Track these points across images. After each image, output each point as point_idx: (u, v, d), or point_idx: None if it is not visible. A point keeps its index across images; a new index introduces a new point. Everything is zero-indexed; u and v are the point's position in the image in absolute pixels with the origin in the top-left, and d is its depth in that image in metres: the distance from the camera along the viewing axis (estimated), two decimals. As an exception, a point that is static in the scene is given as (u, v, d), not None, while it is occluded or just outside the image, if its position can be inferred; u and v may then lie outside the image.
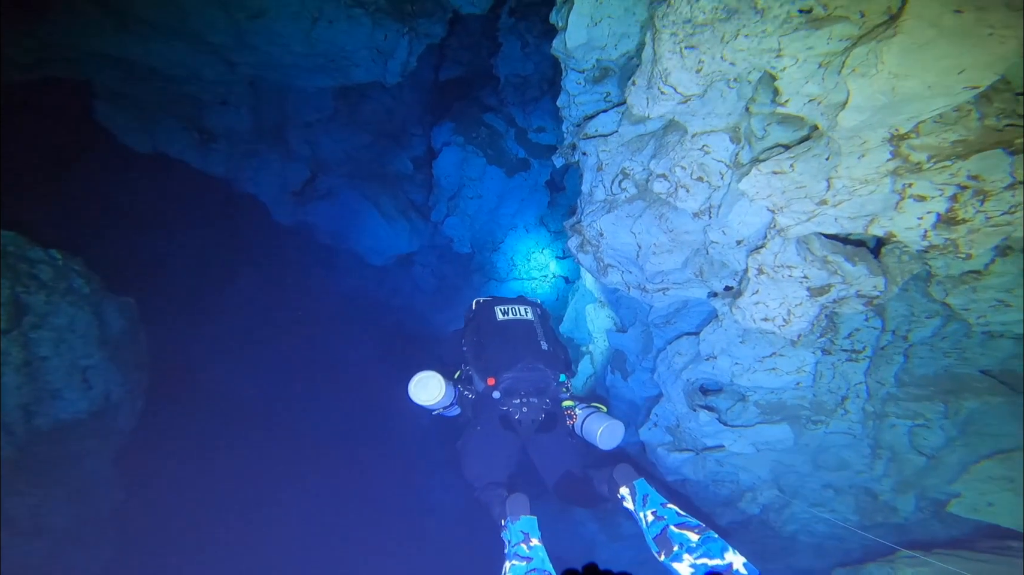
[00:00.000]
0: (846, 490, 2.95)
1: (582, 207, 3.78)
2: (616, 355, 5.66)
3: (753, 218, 2.40)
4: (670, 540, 2.19)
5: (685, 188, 2.71)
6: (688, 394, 3.84)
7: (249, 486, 8.00)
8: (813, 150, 1.98)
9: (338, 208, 6.71)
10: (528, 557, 2.27)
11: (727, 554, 2.07)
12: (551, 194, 7.74)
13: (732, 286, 3.02)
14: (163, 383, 6.06)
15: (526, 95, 6.50)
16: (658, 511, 2.30)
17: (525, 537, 2.35)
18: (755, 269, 2.43)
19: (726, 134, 2.51)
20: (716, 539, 2.13)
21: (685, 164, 2.67)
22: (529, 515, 2.47)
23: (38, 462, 4.38)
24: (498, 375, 2.84)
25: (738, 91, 2.39)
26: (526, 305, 3.28)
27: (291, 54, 4.91)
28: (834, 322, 2.51)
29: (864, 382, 2.58)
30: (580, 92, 3.86)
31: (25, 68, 5.30)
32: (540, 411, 2.86)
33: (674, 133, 2.79)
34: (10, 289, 3.69)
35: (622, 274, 3.72)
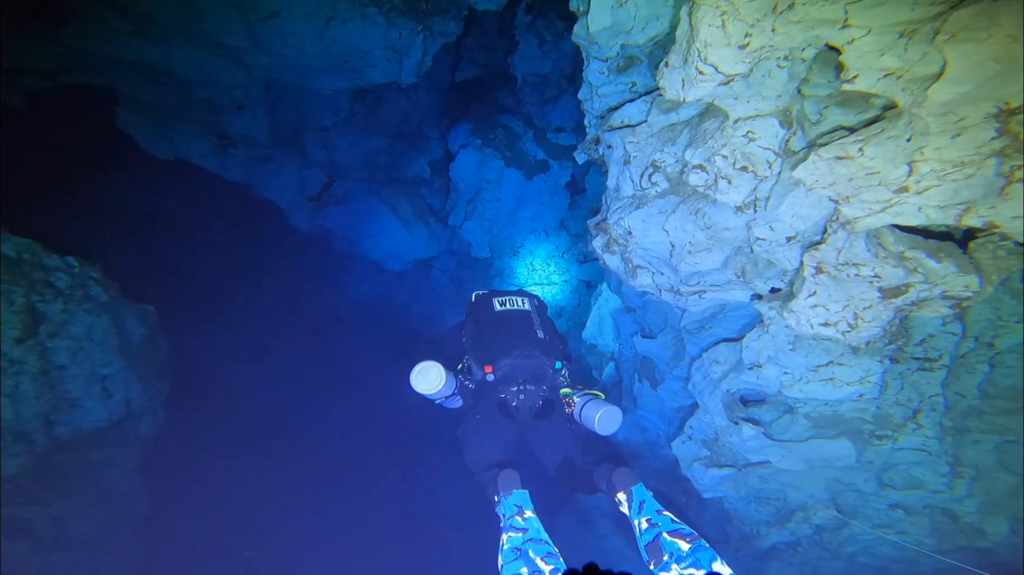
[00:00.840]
0: (919, 511, 2.59)
1: (608, 204, 3.51)
2: (644, 363, 5.34)
3: (810, 210, 2.10)
4: (661, 549, 2.17)
5: (727, 179, 2.41)
6: (728, 406, 3.51)
7: (271, 493, 7.91)
8: (889, 131, 1.67)
9: (355, 213, 6.58)
10: (524, 528, 2.30)
11: (715, 564, 2.06)
12: (571, 196, 7.47)
13: (780, 288, 2.70)
14: (183, 391, 5.99)
15: (544, 94, 6.25)
16: (653, 518, 2.30)
17: (519, 510, 2.37)
18: (812, 268, 2.12)
19: (775, 118, 2.21)
20: (706, 549, 2.12)
21: (727, 153, 2.37)
22: (521, 489, 2.48)
23: (60, 471, 4.31)
24: (495, 362, 2.88)
25: (790, 70, 2.09)
26: (523, 296, 3.32)
27: (305, 55, 4.79)
28: (905, 327, 2.18)
29: (942, 394, 2.23)
30: (603, 83, 3.60)
31: (49, 75, 5.31)
32: (537, 398, 2.87)
33: (712, 120, 2.50)
34: (25, 297, 3.60)
35: (653, 276, 3.42)
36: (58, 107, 5.76)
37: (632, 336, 5.54)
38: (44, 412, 3.97)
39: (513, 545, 2.24)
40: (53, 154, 5.75)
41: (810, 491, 3.10)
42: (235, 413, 7.35)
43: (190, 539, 6.42)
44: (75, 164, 5.86)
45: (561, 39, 5.85)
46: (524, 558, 2.19)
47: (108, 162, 6.18)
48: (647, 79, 3.44)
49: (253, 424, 7.71)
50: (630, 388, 5.76)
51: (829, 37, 1.82)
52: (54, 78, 5.43)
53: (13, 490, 3.93)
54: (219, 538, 6.65)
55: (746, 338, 3.01)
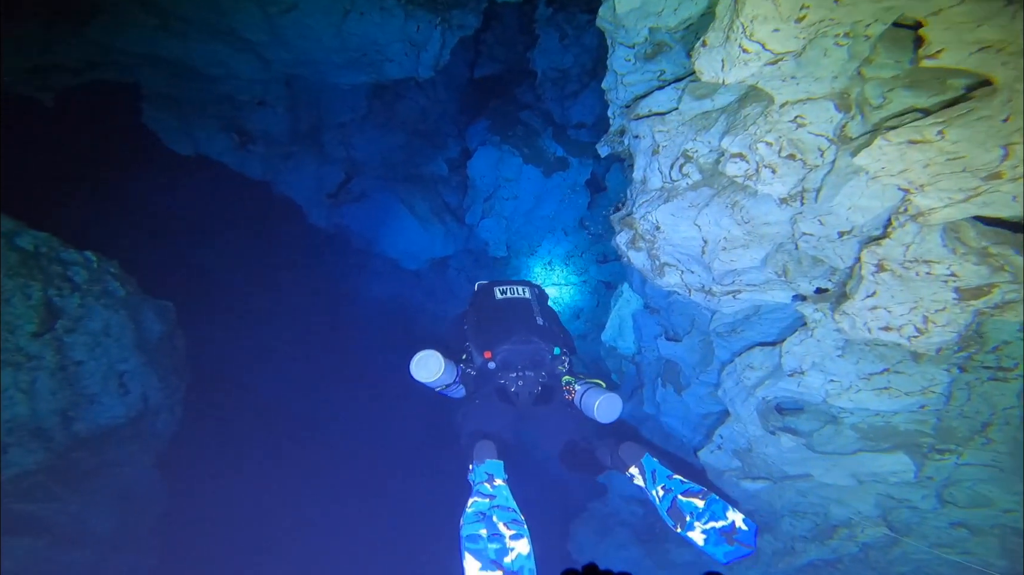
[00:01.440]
0: (986, 530, 2.33)
1: (633, 198, 3.30)
2: (668, 367, 5.10)
3: (871, 201, 1.86)
4: (681, 511, 2.29)
5: (770, 168, 2.18)
6: (763, 414, 3.27)
7: (288, 491, 7.86)
8: (980, 111, 1.44)
9: (372, 210, 6.47)
10: (491, 495, 2.33)
11: (728, 513, 2.24)
12: (591, 195, 7.24)
13: (827, 288, 2.46)
14: (201, 388, 5.96)
15: (565, 90, 6.05)
16: (666, 484, 2.39)
17: (489, 477, 2.41)
18: (872, 265, 1.88)
19: (830, 101, 1.98)
20: (718, 501, 2.27)
21: (771, 140, 2.15)
22: (496, 459, 2.51)
23: (78, 468, 4.27)
24: (494, 348, 2.90)
25: (851, 48, 1.86)
26: (524, 286, 3.35)
27: (323, 49, 4.69)
28: (979, 333, 1.92)
29: (1017, 406, 1.97)
30: (629, 71, 3.38)
31: (76, 72, 5.32)
32: (536, 384, 2.87)
33: (754, 104, 2.28)
34: (42, 291, 3.55)
35: (682, 275, 3.20)
36: (84, 103, 5.77)
37: (655, 339, 5.30)
38: (61, 408, 3.92)
39: (477, 509, 2.28)
40: (77, 150, 5.78)
41: (857, 506, 2.84)
42: (252, 410, 7.33)
43: (207, 537, 6.39)
44: (99, 160, 5.89)
45: (583, 33, 5.65)
46: (486, 521, 2.21)
47: (131, 158, 6.20)
48: (677, 67, 3.22)
49: (270, 422, 7.68)
50: (652, 393, 5.52)
51: (908, 8, 1.58)
52: (81, 74, 5.44)
53: (31, 486, 3.90)
54: (236, 536, 6.62)
55: (786, 343, 2.77)
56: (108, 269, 4.18)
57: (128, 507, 4.89)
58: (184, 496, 5.87)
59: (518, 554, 2.14)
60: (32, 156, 5.68)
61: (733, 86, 2.46)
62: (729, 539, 2.21)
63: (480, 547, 2.14)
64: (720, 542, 2.20)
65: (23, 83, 5.31)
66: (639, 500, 6.50)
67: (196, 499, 6.14)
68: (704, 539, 2.22)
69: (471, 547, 2.14)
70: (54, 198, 5.65)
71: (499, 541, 2.16)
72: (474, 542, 2.15)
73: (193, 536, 6.16)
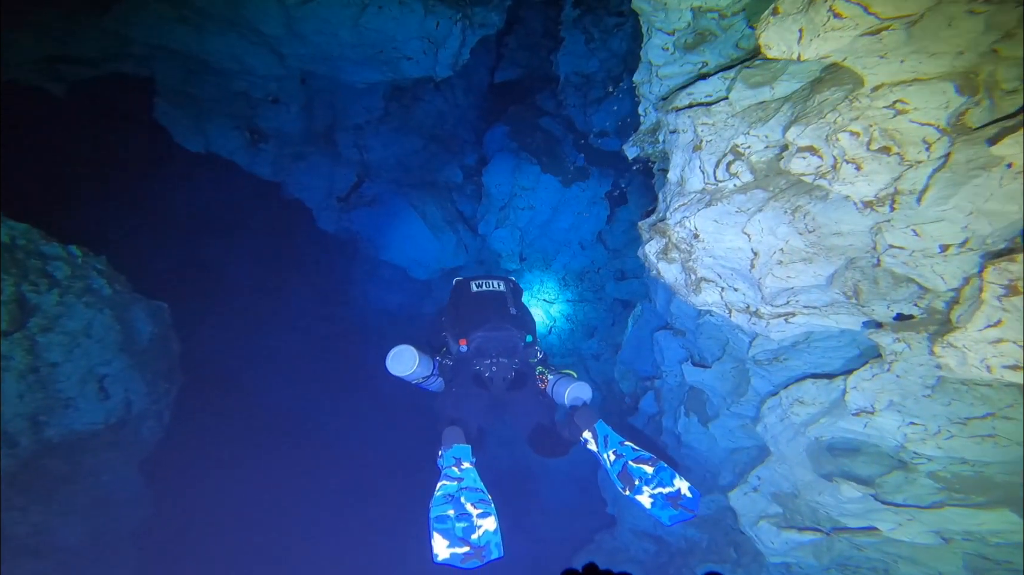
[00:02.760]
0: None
1: (668, 201, 2.86)
2: (693, 395, 4.58)
3: (1003, 205, 1.40)
4: (631, 475, 2.42)
5: (854, 164, 1.74)
6: (814, 456, 2.76)
7: (281, 505, 7.42)
8: None
9: (383, 216, 6.13)
10: (459, 478, 2.41)
11: (675, 481, 2.39)
12: (612, 208, 6.82)
13: (912, 313, 1.98)
14: (195, 393, 5.59)
15: (588, 96, 5.69)
16: (617, 450, 2.51)
17: (456, 461, 2.48)
18: (1001, 287, 1.41)
19: (949, 83, 1.54)
20: (666, 468, 2.43)
21: (858, 129, 1.71)
22: (463, 444, 2.57)
23: (45, 476, 3.90)
24: (468, 335, 2.99)
25: (988, 17, 1.43)
26: (499, 280, 3.44)
27: (339, 44, 4.41)
28: None
29: None
30: (667, 61, 2.99)
31: (93, 63, 5.12)
32: (510, 370, 2.96)
33: (834, 88, 1.84)
34: (14, 287, 3.22)
35: (722, 292, 2.73)
36: (97, 96, 5.58)
37: (679, 363, 4.79)
38: (31, 412, 3.57)
39: (446, 492, 2.36)
40: (85, 143, 5.57)
41: (938, 567, 2.32)
42: (248, 418, 6.94)
43: (190, 548, 5.96)
44: (106, 154, 5.67)
45: (610, 36, 5.30)
46: (454, 503, 2.30)
47: (140, 154, 5.98)
48: (722, 60, 2.81)
49: (267, 432, 7.27)
50: (673, 421, 4.99)
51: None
52: (97, 66, 5.24)
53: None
54: (221, 548, 6.18)
55: (853, 377, 2.28)
56: (94, 265, 3.86)
57: (102, 517, 4.50)
58: (168, 505, 5.45)
59: (485, 530, 2.25)
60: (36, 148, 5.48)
61: (802, 70, 2.03)
62: (674, 504, 2.35)
63: (448, 527, 2.23)
64: (666, 506, 2.35)
65: (35, 73, 5.12)
66: (652, 536, 5.92)
67: (181, 508, 5.73)
68: (651, 503, 2.37)
69: (439, 527, 2.23)
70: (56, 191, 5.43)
71: (467, 520, 2.26)
72: (442, 522, 2.25)
73: (175, 547, 5.74)
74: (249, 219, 6.52)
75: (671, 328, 4.80)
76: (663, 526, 2.40)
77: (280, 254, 7.65)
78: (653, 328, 5.42)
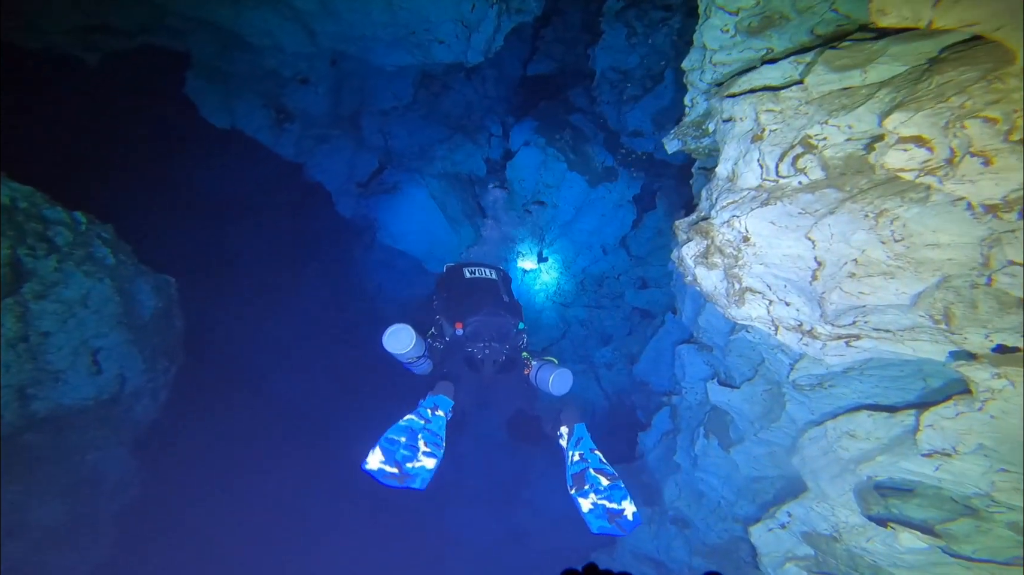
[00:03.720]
0: None
1: (713, 199, 2.52)
2: (715, 416, 4.21)
3: None
4: (585, 479, 2.45)
5: (983, 158, 1.39)
6: (863, 496, 2.40)
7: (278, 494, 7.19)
8: None
9: (401, 204, 5.89)
10: (428, 419, 2.48)
11: (624, 502, 2.40)
12: (638, 213, 6.47)
13: (1020, 347, 1.62)
14: (197, 374, 5.39)
15: (624, 93, 5.37)
16: (585, 454, 2.52)
17: (434, 407, 2.56)
18: None
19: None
20: (622, 488, 2.43)
21: (997, 115, 1.36)
22: (449, 399, 2.63)
23: (29, 452, 3.70)
24: (464, 319, 3.07)
25: None
26: (490, 268, 3.51)
27: (371, 23, 4.18)
28: None
29: None
30: (724, 46, 2.66)
31: (128, 35, 4.97)
32: (500, 354, 3.05)
33: (964, 68, 1.49)
34: (9, 249, 3.02)
35: (770, 306, 2.39)
36: (128, 68, 5.43)
37: (703, 381, 4.42)
38: (17, 384, 3.36)
39: (409, 424, 2.42)
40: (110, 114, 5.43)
41: None
42: (250, 405, 6.72)
43: (174, 534, 5.74)
44: (131, 126, 5.53)
45: (654, 31, 4.97)
46: (409, 434, 2.37)
47: (165, 128, 5.83)
48: (791, 45, 2.47)
49: (269, 420, 7.05)
50: (689, 442, 4.62)
51: None
52: (133, 37, 5.09)
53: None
54: (207, 536, 5.96)
55: (930, 414, 1.92)
56: (99, 233, 3.66)
57: (85, 496, 4.29)
58: (155, 488, 5.24)
59: (422, 466, 2.31)
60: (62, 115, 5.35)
61: (908, 52, 1.69)
62: (611, 518, 2.36)
63: (392, 449, 2.30)
64: (602, 517, 2.36)
65: (70, 41, 4.96)
66: (654, 561, 5.53)
67: (169, 492, 5.51)
68: (590, 509, 2.37)
69: (384, 446, 2.31)
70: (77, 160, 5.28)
71: (412, 451, 2.33)
72: (390, 444, 2.33)
73: (158, 530, 5.52)
74: (269, 200, 6.33)
75: (696, 342, 4.44)
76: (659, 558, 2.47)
77: (298, 238, 7.44)
78: (675, 341, 5.05)
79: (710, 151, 3.13)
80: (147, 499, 5.11)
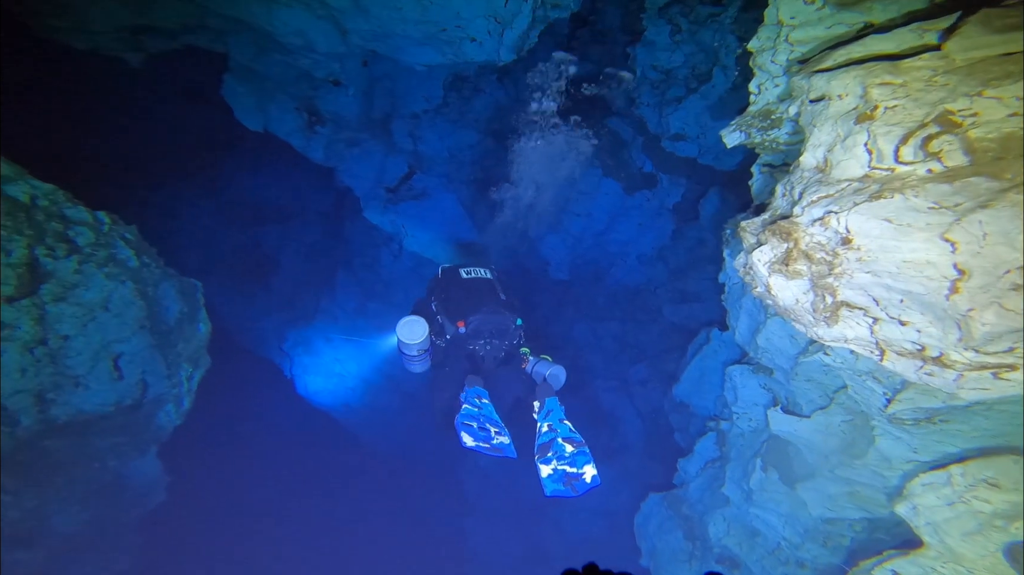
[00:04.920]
0: None
1: (795, 194, 2.06)
2: (775, 447, 3.65)
3: None
4: (549, 447, 2.67)
5: None
6: (1016, 556, 1.85)
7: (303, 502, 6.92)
8: None
9: (429, 211, 5.61)
10: (479, 407, 2.78)
11: (586, 467, 2.61)
12: (678, 223, 5.98)
13: None
14: (225, 380, 5.19)
15: (666, 95, 4.94)
16: (554, 424, 2.75)
17: (478, 397, 2.83)
18: None
19: None
20: (587, 454, 2.64)
21: None
22: (482, 387, 2.91)
23: (49, 458, 3.50)
24: (467, 318, 3.17)
25: None
26: (484, 267, 3.62)
27: (402, 19, 3.94)
28: None
29: None
30: (807, 21, 2.22)
31: (171, 35, 4.88)
32: (500, 349, 3.22)
33: None
34: (26, 249, 2.83)
35: (874, 324, 1.90)
36: (169, 69, 5.36)
37: (760, 407, 3.87)
38: (36, 389, 3.16)
39: (469, 413, 2.73)
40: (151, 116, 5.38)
41: None
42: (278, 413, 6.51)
43: (199, 542, 5.52)
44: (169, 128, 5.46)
45: (701, 28, 4.55)
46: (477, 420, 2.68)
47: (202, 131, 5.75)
48: (895, 16, 2.02)
49: (296, 428, 6.82)
50: (741, 474, 4.05)
51: None
52: (175, 38, 4.99)
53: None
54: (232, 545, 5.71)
55: None
56: (123, 234, 3.47)
57: (107, 504, 4.08)
58: (180, 495, 5.02)
59: (501, 442, 2.65)
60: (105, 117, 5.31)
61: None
62: (567, 482, 2.56)
63: (472, 430, 2.63)
64: (558, 481, 2.57)
65: (117, 42, 4.88)
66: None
67: (195, 500, 5.29)
68: (549, 474, 2.59)
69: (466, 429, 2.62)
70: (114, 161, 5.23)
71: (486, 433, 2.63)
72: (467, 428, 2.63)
73: (185, 538, 5.30)
74: (301, 205, 6.17)
75: (752, 363, 3.90)
76: None
77: (329, 244, 7.26)
78: (724, 361, 4.51)
79: (779, 145, 2.66)
80: (172, 506, 4.90)
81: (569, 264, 6.70)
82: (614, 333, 7.15)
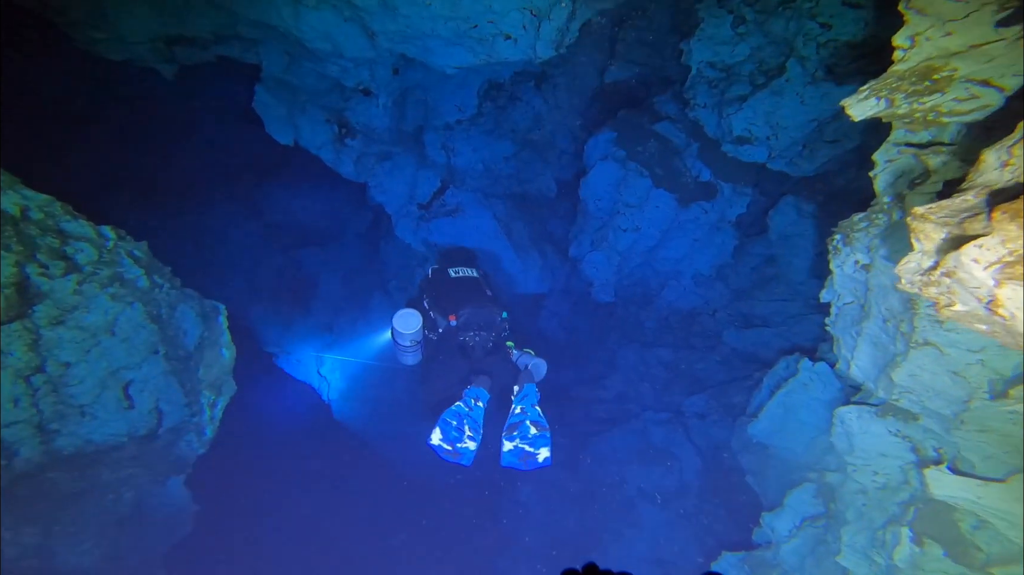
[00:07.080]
0: None
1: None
2: (934, 515, 2.63)
3: None
4: (516, 428, 2.84)
5: None
6: None
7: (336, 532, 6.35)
8: None
9: (464, 229, 5.04)
10: (471, 407, 2.89)
11: (542, 449, 2.80)
12: (740, 238, 5.04)
13: None
14: (251, 408, 4.77)
15: (727, 94, 4.13)
16: (527, 408, 2.88)
17: (476, 398, 2.94)
18: None
19: None
20: (547, 439, 2.82)
21: None
22: (486, 391, 3.02)
23: (50, 492, 3.11)
24: (457, 311, 3.38)
25: None
26: (471, 268, 3.84)
27: (431, 16, 3.48)
28: None
29: None
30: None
31: (203, 45, 4.68)
32: (488, 340, 3.39)
33: None
34: (15, 267, 2.46)
35: None
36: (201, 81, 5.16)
37: (894, 459, 2.86)
38: (35, 419, 2.77)
39: (457, 410, 2.87)
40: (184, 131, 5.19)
41: None
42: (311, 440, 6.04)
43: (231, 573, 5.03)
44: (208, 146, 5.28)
45: (771, 17, 3.76)
46: (458, 419, 2.83)
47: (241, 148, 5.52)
48: None
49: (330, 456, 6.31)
50: (869, 541, 3.02)
51: None
52: (207, 48, 4.80)
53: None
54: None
55: None
56: (130, 251, 3.10)
57: (126, 537, 3.66)
58: (210, 526, 4.57)
59: (466, 447, 2.80)
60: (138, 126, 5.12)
61: None
62: (522, 458, 2.79)
63: (447, 430, 2.81)
64: (515, 456, 2.80)
65: (151, 53, 4.73)
66: None
67: (224, 530, 4.83)
68: (510, 450, 2.82)
69: (443, 426, 2.82)
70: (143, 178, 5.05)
71: (460, 434, 2.81)
72: (446, 426, 2.82)
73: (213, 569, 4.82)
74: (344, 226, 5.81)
75: (877, 406, 2.90)
76: None
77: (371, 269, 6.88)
78: (822, 398, 3.51)
79: (940, 115, 1.81)
80: (200, 538, 4.46)
81: (615, 285, 5.88)
82: (665, 360, 6.19)
